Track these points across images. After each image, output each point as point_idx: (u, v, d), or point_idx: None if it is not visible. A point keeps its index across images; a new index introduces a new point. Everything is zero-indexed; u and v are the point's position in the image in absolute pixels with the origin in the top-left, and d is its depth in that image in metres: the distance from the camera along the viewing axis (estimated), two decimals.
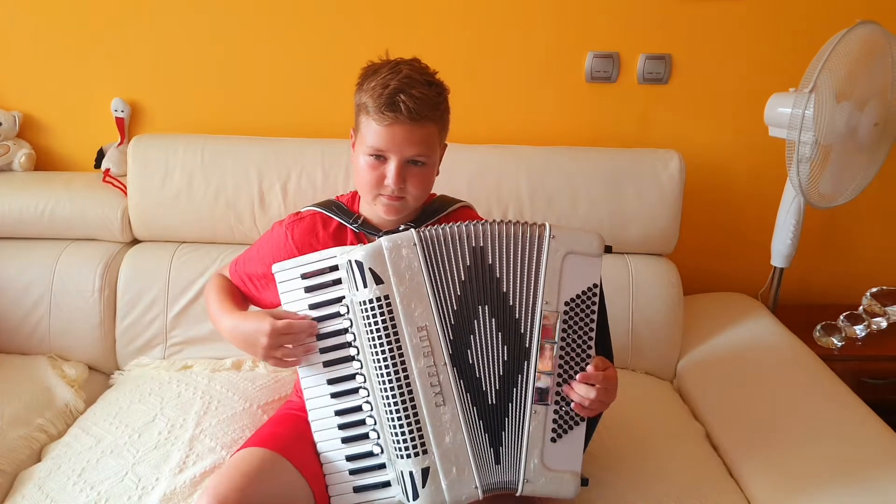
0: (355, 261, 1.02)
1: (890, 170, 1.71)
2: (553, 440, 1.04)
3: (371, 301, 1.02)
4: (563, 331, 1.03)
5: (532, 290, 1.03)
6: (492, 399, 1.04)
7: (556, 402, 1.04)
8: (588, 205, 1.61)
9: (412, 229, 1.04)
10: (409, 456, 1.02)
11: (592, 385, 1.02)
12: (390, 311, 1.02)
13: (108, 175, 1.72)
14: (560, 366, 1.03)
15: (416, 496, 1.02)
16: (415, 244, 1.02)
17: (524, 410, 1.04)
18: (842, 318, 1.77)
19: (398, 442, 1.02)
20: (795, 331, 1.63)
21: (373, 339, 1.02)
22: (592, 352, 1.05)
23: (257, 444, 1.11)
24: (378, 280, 1.01)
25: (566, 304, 1.03)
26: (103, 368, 1.61)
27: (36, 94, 1.79)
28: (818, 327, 1.75)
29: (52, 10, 1.71)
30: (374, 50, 1.73)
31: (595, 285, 1.05)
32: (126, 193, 1.64)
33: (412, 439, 1.01)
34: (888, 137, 1.61)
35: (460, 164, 1.61)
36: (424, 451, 1.01)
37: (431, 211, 1.21)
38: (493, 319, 1.04)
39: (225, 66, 1.75)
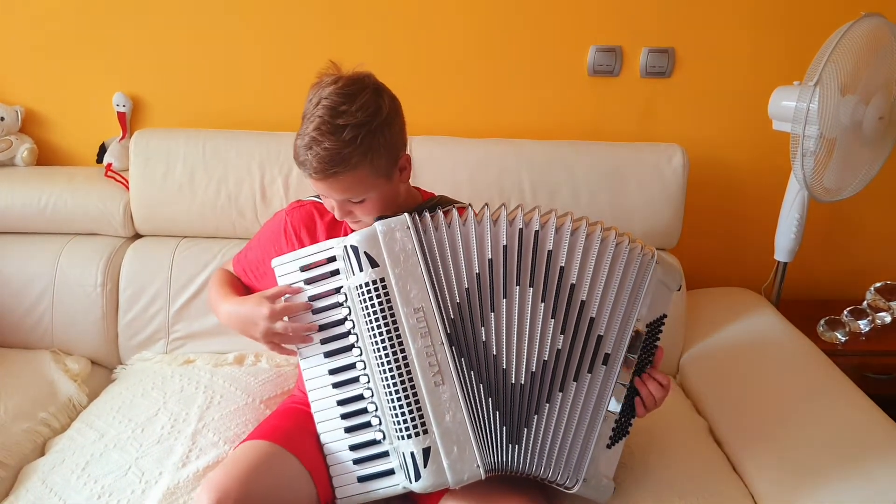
0: (350, 246, 1.04)
1: (895, 164, 1.70)
2: (608, 446, 1.09)
3: (367, 284, 1.03)
4: (642, 349, 1.09)
5: (627, 303, 1.08)
6: (517, 378, 1.04)
7: (622, 412, 1.09)
8: (590, 199, 1.61)
9: (405, 213, 1.05)
10: (409, 436, 1.02)
11: (665, 389, 1.11)
12: (386, 294, 1.03)
13: (109, 170, 1.72)
14: (630, 379, 1.10)
15: (418, 477, 1.02)
16: (408, 227, 1.04)
17: (599, 413, 1.07)
18: (845, 312, 1.76)
19: (398, 423, 1.02)
20: (799, 326, 1.62)
21: (370, 321, 1.03)
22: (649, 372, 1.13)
23: (259, 438, 1.11)
24: (373, 263, 1.03)
25: (647, 325, 1.10)
26: (106, 363, 1.62)
27: (38, 89, 1.78)
28: (822, 322, 1.75)
29: (54, 5, 1.71)
30: (375, 44, 1.72)
31: (665, 315, 1.13)
32: (128, 188, 1.64)
33: (412, 419, 1.02)
34: (893, 131, 1.60)
35: (462, 158, 1.61)
36: (425, 431, 1.02)
37: (430, 207, 1.20)
38: (543, 304, 1.04)
39: (226, 61, 1.75)
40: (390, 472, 1.05)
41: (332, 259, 1.07)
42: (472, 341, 1.04)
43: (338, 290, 1.06)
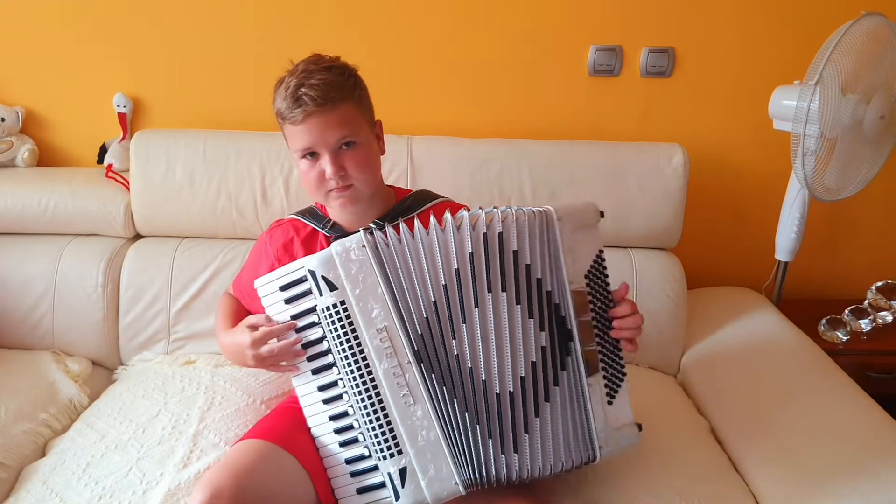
0: (309, 270, 1.03)
1: None
2: (609, 402, 1.07)
3: (329, 308, 1.02)
4: (591, 302, 1.06)
5: (558, 274, 1.04)
6: (503, 387, 1.01)
7: (604, 369, 1.07)
8: (590, 198, 1.58)
9: (361, 230, 1.03)
10: (385, 457, 1.02)
11: (632, 315, 1.08)
12: (348, 316, 1.01)
13: (110, 170, 1.72)
14: (597, 335, 1.07)
15: (398, 497, 1.02)
16: (364, 245, 1.01)
17: (581, 389, 1.05)
18: (847, 312, 1.76)
19: (374, 444, 1.03)
20: (800, 325, 1.62)
21: (336, 345, 1.03)
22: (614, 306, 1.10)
23: (256, 437, 1.11)
24: (332, 286, 1.01)
25: (585, 276, 1.06)
26: (107, 363, 1.62)
27: (39, 89, 1.79)
28: (823, 321, 1.74)
29: (55, 6, 1.71)
30: (376, 45, 1.72)
31: (601, 250, 1.09)
32: (128, 189, 1.64)
33: (385, 441, 1.02)
34: (894, 130, 1.60)
35: (462, 158, 1.61)
36: (399, 452, 1.01)
37: (404, 208, 1.20)
38: (519, 307, 1.02)
39: (226, 61, 1.75)
40: (384, 485, 1.05)
41: (305, 279, 1.05)
42: (445, 356, 1.02)
43: (313, 309, 1.05)
